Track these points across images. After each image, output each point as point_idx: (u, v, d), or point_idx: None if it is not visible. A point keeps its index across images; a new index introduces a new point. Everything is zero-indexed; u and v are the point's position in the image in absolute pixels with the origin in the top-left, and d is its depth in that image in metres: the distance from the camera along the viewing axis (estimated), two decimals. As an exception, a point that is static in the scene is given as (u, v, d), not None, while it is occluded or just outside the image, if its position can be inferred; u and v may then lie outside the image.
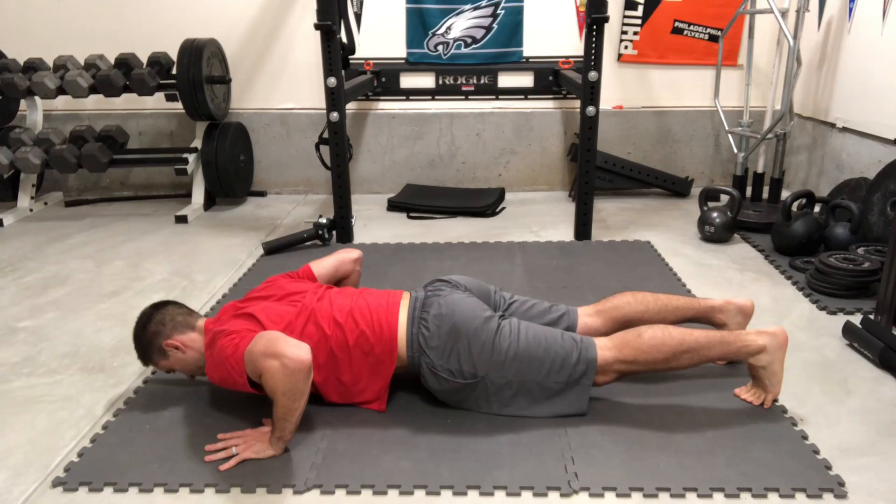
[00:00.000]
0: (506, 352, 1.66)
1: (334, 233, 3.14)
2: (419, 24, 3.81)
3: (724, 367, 1.97)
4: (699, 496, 1.45)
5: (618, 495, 1.46)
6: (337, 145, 3.02)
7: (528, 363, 1.67)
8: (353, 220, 3.22)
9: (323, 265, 2.03)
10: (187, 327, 1.76)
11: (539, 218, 3.51)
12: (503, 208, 3.69)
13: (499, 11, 3.78)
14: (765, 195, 3.59)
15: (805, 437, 1.64)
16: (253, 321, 1.68)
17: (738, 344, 1.72)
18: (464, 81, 3.90)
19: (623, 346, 1.69)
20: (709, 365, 1.97)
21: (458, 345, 1.66)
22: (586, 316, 1.92)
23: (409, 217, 3.56)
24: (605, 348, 1.70)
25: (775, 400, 1.77)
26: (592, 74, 2.88)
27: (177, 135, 4.03)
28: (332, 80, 2.88)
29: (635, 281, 2.61)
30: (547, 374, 1.68)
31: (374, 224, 3.44)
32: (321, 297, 1.78)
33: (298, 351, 1.48)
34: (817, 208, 3.09)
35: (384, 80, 3.88)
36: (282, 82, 3.94)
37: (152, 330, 1.74)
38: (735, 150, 3.65)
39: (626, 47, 3.88)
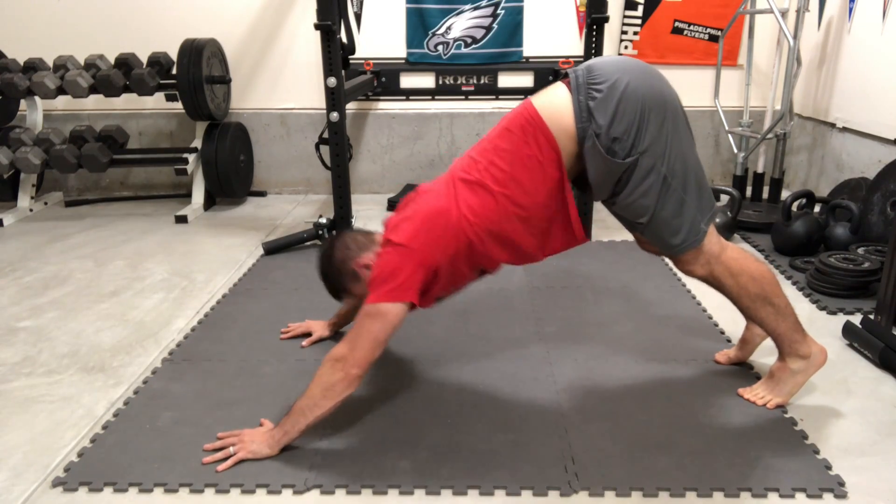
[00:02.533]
0: (674, 136, 1.55)
1: (334, 233, 3.14)
2: (419, 24, 3.81)
3: (725, 367, 1.97)
4: (699, 496, 1.45)
5: (618, 495, 1.46)
6: (337, 145, 3.02)
7: (683, 161, 1.57)
8: (353, 220, 3.22)
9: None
10: (371, 244, 1.69)
11: (539, 218, 3.50)
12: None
13: (499, 11, 3.78)
14: (765, 195, 3.59)
15: (805, 437, 1.64)
16: (411, 223, 1.59)
17: (799, 336, 1.72)
18: (464, 81, 3.90)
19: (741, 258, 1.67)
20: (710, 364, 1.98)
21: (630, 109, 1.51)
22: None
23: (409, 217, 3.56)
24: (725, 246, 1.67)
25: (779, 405, 1.77)
26: (592, 74, 2.88)
27: (177, 135, 4.03)
28: (332, 80, 2.88)
29: (636, 281, 2.61)
30: (688, 188, 1.58)
31: (374, 224, 3.44)
32: (458, 161, 1.68)
33: (360, 369, 1.52)
34: (817, 208, 3.08)
35: (384, 80, 3.88)
36: (282, 82, 3.94)
37: (339, 256, 1.69)
38: (735, 150, 3.65)
39: (626, 47, 3.88)
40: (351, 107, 3.89)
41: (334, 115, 2.95)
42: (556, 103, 1.57)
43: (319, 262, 1.75)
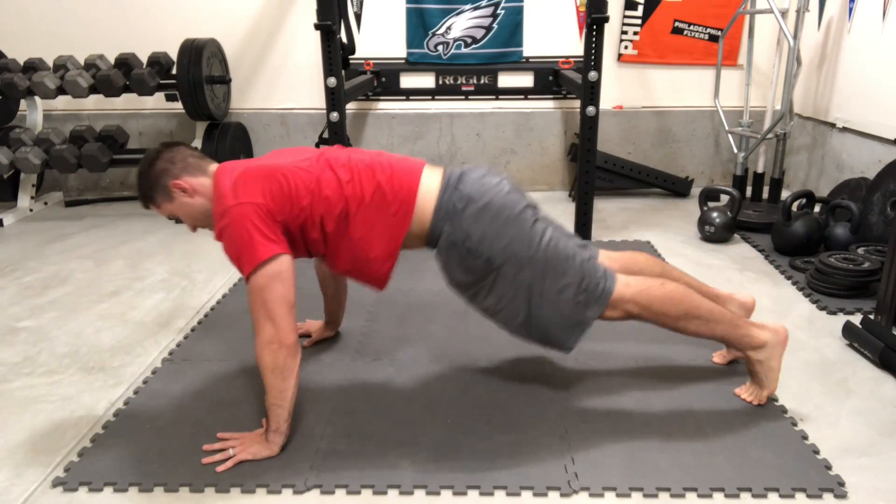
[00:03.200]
0: (535, 246, 1.59)
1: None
2: (419, 24, 3.81)
3: (724, 366, 1.97)
4: (699, 496, 1.45)
5: (618, 495, 1.46)
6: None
7: (551, 266, 1.60)
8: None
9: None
10: (199, 171, 1.64)
11: (539, 218, 3.50)
12: (503, 208, 3.68)
13: (499, 11, 3.78)
14: (765, 195, 3.59)
15: (805, 437, 1.64)
16: (269, 180, 1.57)
17: (743, 331, 1.71)
18: (464, 81, 3.90)
19: (644, 290, 1.66)
20: (709, 364, 1.98)
21: (488, 223, 1.58)
22: (604, 257, 1.84)
23: (409, 217, 3.56)
24: (626, 285, 1.66)
25: (774, 399, 1.77)
26: (592, 74, 2.88)
27: (177, 135, 4.03)
28: (332, 80, 2.88)
29: (635, 281, 2.61)
30: (563, 287, 1.61)
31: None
32: (336, 152, 1.71)
33: (293, 334, 1.51)
34: (817, 208, 3.09)
35: (384, 80, 3.88)
36: (282, 82, 3.94)
37: (160, 167, 1.62)
38: (735, 150, 3.65)
39: (626, 47, 3.88)
40: (351, 107, 3.89)
41: (334, 115, 2.95)
42: (429, 190, 1.64)
43: (141, 163, 1.67)
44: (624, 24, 3.83)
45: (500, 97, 3.94)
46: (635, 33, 3.84)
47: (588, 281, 1.63)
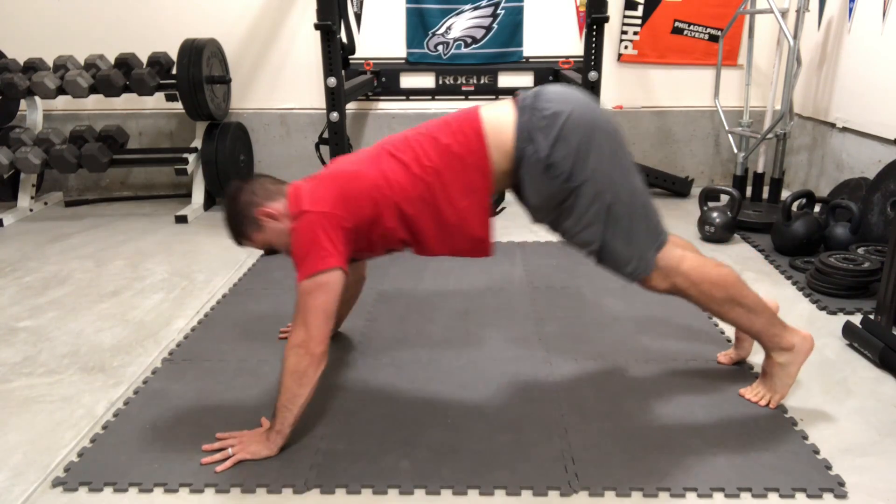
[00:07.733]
0: (620, 166, 1.57)
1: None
2: (419, 24, 3.81)
3: (725, 367, 1.97)
4: (699, 496, 1.45)
5: (618, 495, 1.46)
6: (337, 145, 3.02)
7: (633, 193, 1.59)
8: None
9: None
10: (279, 194, 1.67)
11: (539, 218, 3.50)
12: (503, 208, 3.68)
13: (499, 11, 3.78)
14: (765, 195, 3.59)
15: (805, 437, 1.64)
16: (336, 186, 1.60)
17: (777, 330, 1.72)
18: (464, 81, 3.90)
19: (698, 266, 1.66)
20: (710, 364, 1.98)
21: (574, 139, 1.53)
22: None
23: (409, 217, 3.56)
24: (684, 258, 1.66)
25: (780, 401, 1.77)
26: (592, 74, 2.89)
27: (177, 135, 4.03)
28: (332, 80, 2.89)
29: (635, 281, 2.61)
30: (639, 217, 1.59)
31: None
32: (392, 139, 1.69)
33: (322, 345, 1.53)
34: (817, 208, 3.08)
35: (384, 80, 3.88)
36: (282, 82, 3.94)
37: (244, 199, 1.66)
38: (735, 150, 3.65)
39: (626, 47, 3.88)
40: (351, 107, 3.89)
41: (334, 115, 2.96)
42: (500, 119, 1.60)
43: (225, 203, 1.71)
44: (624, 24, 3.83)
45: (501, 97, 3.93)
46: (635, 33, 3.84)
47: (655, 219, 1.63)
